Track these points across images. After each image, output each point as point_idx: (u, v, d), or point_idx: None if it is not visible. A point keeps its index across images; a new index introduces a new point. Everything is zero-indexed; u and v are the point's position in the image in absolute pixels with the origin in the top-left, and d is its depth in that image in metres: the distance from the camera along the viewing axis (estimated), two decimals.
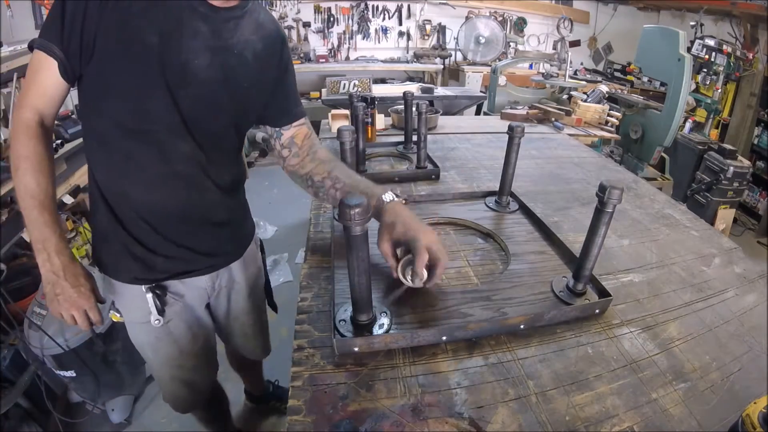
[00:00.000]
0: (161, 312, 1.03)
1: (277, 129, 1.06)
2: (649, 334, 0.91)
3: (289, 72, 1.03)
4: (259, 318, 1.38)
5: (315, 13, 4.78)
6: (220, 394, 1.52)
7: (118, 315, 1.06)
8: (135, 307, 1.04)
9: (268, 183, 3.93)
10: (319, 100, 3.97)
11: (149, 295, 1.00)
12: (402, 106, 2.01)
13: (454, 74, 5.19)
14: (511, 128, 1.23)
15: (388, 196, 0.91)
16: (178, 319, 1.10)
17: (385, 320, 0.82)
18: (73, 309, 0.93)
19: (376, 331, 0.80)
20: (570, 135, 2.38)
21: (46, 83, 0.83)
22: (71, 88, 0.87)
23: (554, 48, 5.33)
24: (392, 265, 0.89)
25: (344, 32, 4.92)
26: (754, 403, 0.72)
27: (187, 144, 0.90)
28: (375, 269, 0.95)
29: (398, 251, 0.89)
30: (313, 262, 1.07)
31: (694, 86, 4.19)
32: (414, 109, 1.57)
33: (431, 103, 3.29)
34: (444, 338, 0.82)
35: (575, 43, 5.27)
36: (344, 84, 3.37)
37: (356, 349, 0.78)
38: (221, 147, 0.99)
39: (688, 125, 4.26)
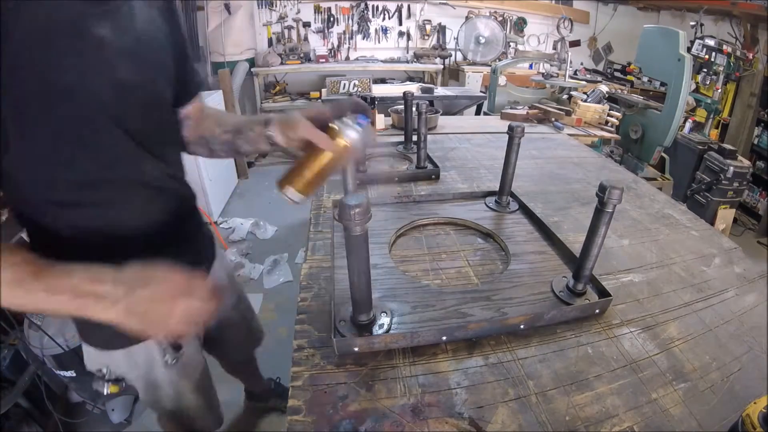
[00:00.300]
0: (178, 348, 0.94)
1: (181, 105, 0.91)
2: (649, 334, 0.91)
3: (186, 41, 0.89)
4: (244, 310, 1.33)
5: (315, 13, 4.78)
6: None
7: (117, 386, 0.95)
8: (141, 363, 0.94)
9: (267, 183, 3.94)
10: (319, 100, 3.97)
11: (155, 349, 0.91)
12: (402, 106, 2.01)
13: (454, 74, 5.18)
14: (511, 128, 1.23)
15: (274, 116, 0.81)
16: (188, 345, 1.01)
17: (385, 320, 0.83)
18: (183, 298, 0.65)
19: (376, 331, 0.80)
20: (570, 135, 2.38)
21: None
22: None
23: (554, 48, 5.33)
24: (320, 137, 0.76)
25: (344, 32, 4.91)
26: (754, 403, 0.72)
27: (146, 168, 0.79)
28: (375, 269, 0.95)
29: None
30: (313, 262, 1.07)
31: (694, 86, 4.18)
32: (414, 109, 1.58)
33: (431, 103, 3.29)
34: (444, 338, 0.82)
35: (575, 43, 5.27)
36: (344, 84, 3.37)
37: (356, 349, 0.78)
38: (173, 158, 0.88)
39: (688, 125, 4.26)
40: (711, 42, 4.03)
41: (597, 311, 0.93)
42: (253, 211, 3.48)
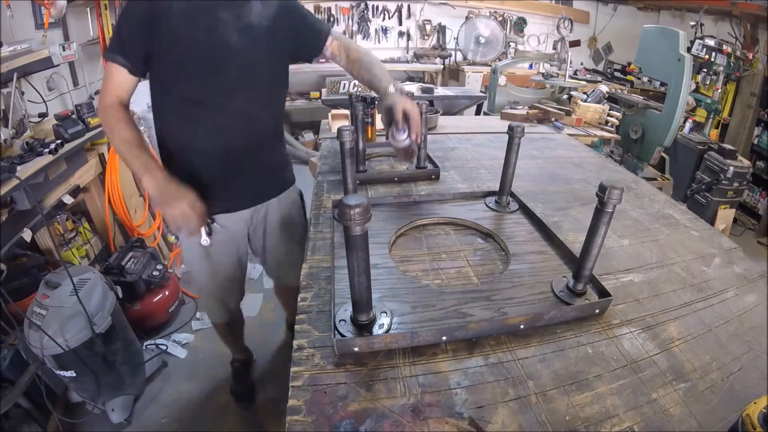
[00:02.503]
0: (209, 235, 1.30)
1: (319, 54, 1.39)
2: (649, 334, 0.91)
3: (302, 13, 1.35)
4: (291, 250, 1.58)
5: (315, 13, 4.79)
6: (239, 319, 1.85)
7: (173, 238, 1.35)
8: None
9: None
10: (319, 100, 3.97)
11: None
12: None
13: (454, 74, 5.19)
14: (511, 128, 1.23)
15: (391, 88, 1.24)
16: (219, 245, 1.41)
17: (385, 320, 0.83)
18: (182, 202, 1.15)
19: (376, 331, 0.80)
20: (570, 135, 2.38)
21: (119, 80, 1.17)
22: (141, 79, 1.22)
23: (554, 48, 5.32)
24: (385, 131, 1.21)
25: (344, 32, 4.92)
26: (754, 403, 0.71)
27: (236, 101, 1.24)
28: (375, 269, 0.95)
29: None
30: (313, 262, 1.07)
31: (694, 86, 4.19)
32: None
33: (431, 103, 3.29)
34: (444, 338, 0.82)
35: (575, 43, 5.26)
36: (344, 84, 3.37)
37: (356, 349, 0.78)
38: (261, 100, 1.31)
39: (688, 125, 4.26)
40: (711, 42, 4.03)
41: (597, 311, 0.93)
42: None
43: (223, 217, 1.38)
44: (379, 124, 2.19)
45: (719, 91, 4.23)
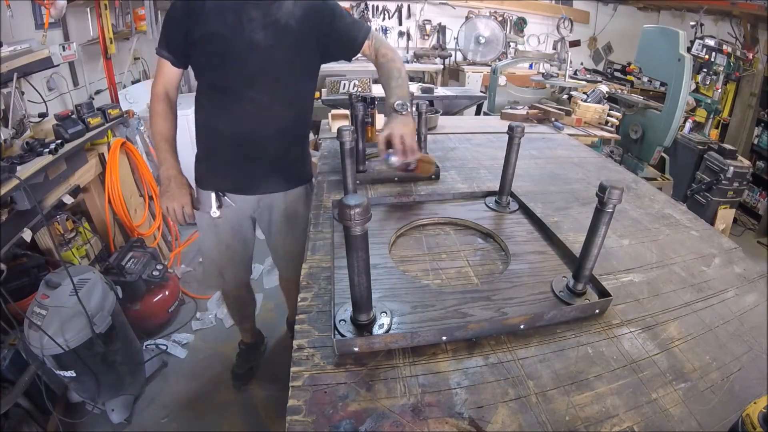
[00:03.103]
0: (219, 207, 1.50)
1: (354, 56, 1.48)
2: (649, 334, 0.90)
3: (337, 17, 1.41)
4: (292, 243, 1.66)
5: None
6: (240, 296, 1.91)
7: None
8: (206, 203, 1.52)
9: None
10: (320, 100, 3.97)
11: (213, 195, 1.50)
12: None
13: (454, 74, 5.19)
14: (511, 128, 1.23)
15: (396, 104, 1.27)
16: (226, 220, 1.57)
17: (385, 320, 0.82)
18: (175, 203, 1.44)
19: (376, 331, 0.80)
20: (570, 135, 2.37)
21: (166, 72, 1.40)
22: (185, 70, 1.43)
23: (554, 48, 5.32)
24: (379, 150, 1.26)
25: None
26: (754, 403, 0.70)
27: (255, 92, 1.36)
28: (375, 269, 0.95)
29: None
30: (313, 261, 1.07)
31: (694, 86, 4.19)
32: (414, 109, 1.57)
33: (431, 103, 3.28)
34: (444, 338, 0.81)
35: (575, 43, 5.26)
36: (344, 84, 3.36)
37: (356, 349, 0.78)
38: (281, 93, 1.40)
39: (688, 125, 4.27)
40: (711, 42, 4.04)
41: (597, 311, 0.93)
42: None
43: (232, 196, 1.54)
44: (380, 123, 2.20)
45: (719, 91, 4.24)
